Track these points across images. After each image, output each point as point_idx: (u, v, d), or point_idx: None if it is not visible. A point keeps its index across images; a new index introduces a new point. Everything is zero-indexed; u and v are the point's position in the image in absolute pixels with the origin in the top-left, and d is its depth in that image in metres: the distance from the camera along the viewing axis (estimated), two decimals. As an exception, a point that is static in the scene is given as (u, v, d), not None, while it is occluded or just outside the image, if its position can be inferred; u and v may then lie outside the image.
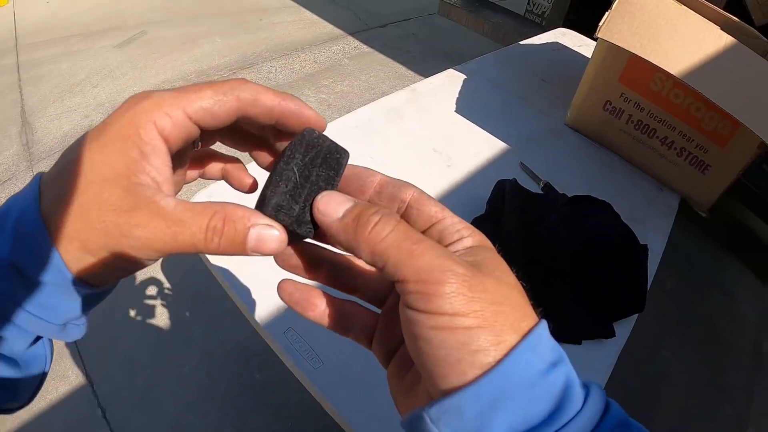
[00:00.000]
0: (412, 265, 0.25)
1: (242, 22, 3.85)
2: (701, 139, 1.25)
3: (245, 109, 0.30)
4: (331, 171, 0.31)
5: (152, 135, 0.28)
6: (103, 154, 0.27)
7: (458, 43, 4.32)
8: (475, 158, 1.17)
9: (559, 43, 1.94)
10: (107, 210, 0.27)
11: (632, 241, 0.95)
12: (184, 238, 0.27)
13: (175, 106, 0.28)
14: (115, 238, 0.27)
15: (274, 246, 0.28)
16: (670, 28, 1.05)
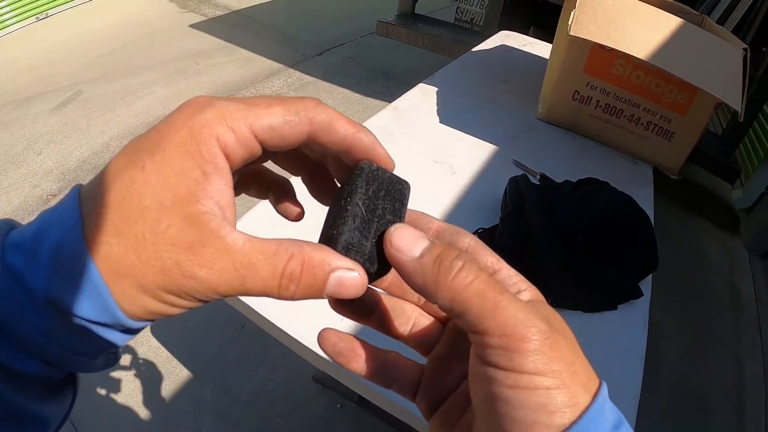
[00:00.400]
0: (495, 317, 0.24)
1: (179, 68, 3.84)
2: (664, 111, 1.37)
3: (316, 135, 0.28)
4: (396, 203, 0.29)
5: (215, 152, 0.24)
6: (161, 174, 0.24)
7: (395, 61, 4.45)
8: (473, 162, 1.24)
9: (505, 45, 2.06)
10: (166, 244, 0.23)
11: (636, 208, 1.04)
12: (254, 283, 0.25)
13: (240, 120, 0.25)
14: (174, 278, 0.23)
15: (355, 291, 0.27)
16: (627, 17, 1.16)
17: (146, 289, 0.23)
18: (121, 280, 0.23)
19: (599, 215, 0.99)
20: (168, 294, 0.24)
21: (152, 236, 0.23)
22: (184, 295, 0.24)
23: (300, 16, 5.10)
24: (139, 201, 0.23)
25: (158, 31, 4.35)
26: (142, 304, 0.24)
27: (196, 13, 4.79)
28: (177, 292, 0.24)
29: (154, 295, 0.24)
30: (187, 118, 0.25)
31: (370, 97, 3.80)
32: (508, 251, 0.94)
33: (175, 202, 0.23)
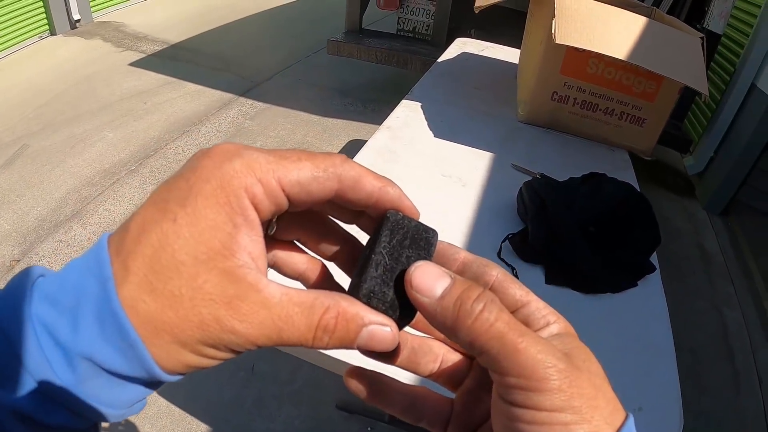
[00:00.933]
0: (514, 359, 0.24)
1: (126, 110, 3.73)
2: (635, 100, 1.49)
3: (344, 192, 0.27)
4: (421, 251, 0.29)
5: (245, 204, 0.24)
6: (194, 227, 0.23)
7: (345, 77, 4.50)
8: (477, 171, 1.31)
9: (465, 52, 2.15)
10: (204, 299, 0.23)
11: (636, 194, 1.14)
12: (291, 335, 0.25)
13: (269, 173, 0.25)
14: (213, 333, 0.23)
15: (386, 345, 0.27)
16: (599, 22, 1.27)
17: (185, 344, 0.23)
18: (159, 336, 0.23)
19: (608, 206, 1.08)
20: (207, 347, 0.24)
21: (189, 292, 0.23)
22: (222, 348, 0.24)
23: (241, 43, 5.07)
24: (173, 255, 0.23)
25: (97, 74, 4.20)
26: (180, 359, 0.24)
27: (134, 51, 4.68)
28: (216, 344, 0.24)
29: (193, 349, 0.24)
30: (216, 167, 0.24)
31: (328, 117, 3.83)
32: (542, 251, 1.01)
33: (210, 257, 0.23)
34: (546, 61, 1.46)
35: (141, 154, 3.24)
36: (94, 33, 5.04)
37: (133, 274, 0.23)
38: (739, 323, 2.57)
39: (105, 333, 0.23)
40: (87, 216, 2.66)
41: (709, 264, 2.98)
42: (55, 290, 0.24)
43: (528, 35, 1.80)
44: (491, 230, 1.10)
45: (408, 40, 3.74)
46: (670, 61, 1.30)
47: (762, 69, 3.20)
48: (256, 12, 6.12)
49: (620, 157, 1.55)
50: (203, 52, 4.77)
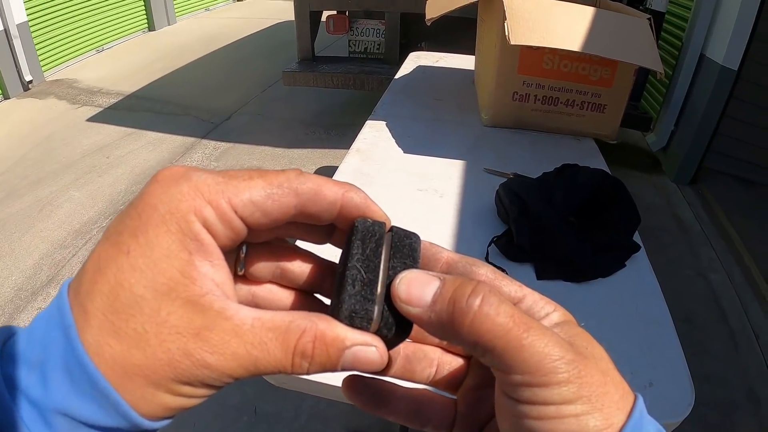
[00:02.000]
0: (520, 356, 0.23)
1: (89, 167, 3.67)
2: (593, 89, 1.52)
3: (304, 206, 0.25)
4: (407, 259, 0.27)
5: (197, 228, 0.23)
6: (149, 257, 0.22)
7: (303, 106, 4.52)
8: (452, 180, 1.32)
9: (420, 65, 2.17)
10: (170, 333, 0.22)
11: (611, 179, 1.16)
12: (267, 364, 0.23)
13: (219, 194, 0.23)
14: (185, 369, 0.22)
15: (374, 367, 0.25)
16: (550, 18, 1.29)
17: (158, 385, 0.22)
18: (130, 380, 0.21)
19: (585, 194, 1.11)
20: (182, 385, 0.22)
21: (153, 327, 0.22)
22: (199, 384, 0.23)
23: (196, 86, 5.08)
24: (131, 290, 0.22)
25: (56, 134, 4.14)
26: (157, 401, 0.22)
27: (90, 106, 4.64)
28: (191, 381, 0.22)
29: (168, 389, 0.22)
30: (163, 191, 0.23)
31: (293, 148, 3.84)
32: (529, 248, 1.02)
33: (170, 287, 0.22)
34: (502, 63, 1.48)
35: (110, 209, 3.20)
36: (47, 92, 5.00)
37: (92, 316, 0.22)
38: (726, 285, 2.64)
39: (75, 384, 0.21)
40: (63, 279, 2.59)
41: (686, 233, 3.05)
42: (23, 347, 0.22)
43: (481, 40, 1.82)
44: (476, 236, 1.10)
45: (362, 61, 3.78)
46: (622, 45, 1.33)
47: (708, 38, 3.30)
48: (207, 53, 6.15)
49: (587, 146, 1.58)
50: (160, 99, 4.76)
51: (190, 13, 8.34)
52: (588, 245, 1.03)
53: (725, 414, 1.96)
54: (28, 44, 4.99)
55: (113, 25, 6.52)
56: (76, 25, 5.85)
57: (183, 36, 7.06)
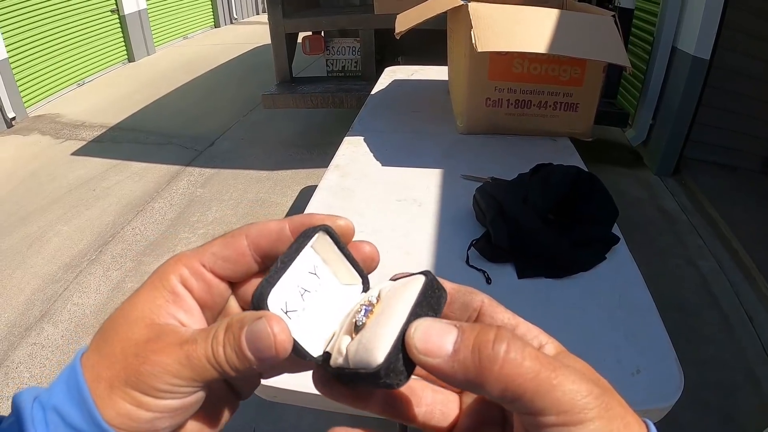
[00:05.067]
0: (551, 396, 0.23)
1: (76, 200, 3.65)
2: (564, 89, 1.55)
3: (256, 243, 0.29)
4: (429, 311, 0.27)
5: (173, 283, 0.28)
6: (133, 302, 0.28)
7: (284, 128, 4.55)
8: (430, 189, 1.34)
9: (396, 80, 2.20)
10: (130, 345, 0.26)
11: (585, 173, 1.18)
12: (197, 355, 0.26)
13: (192, 258, 0.29)
14: (134, 368, 0.26)
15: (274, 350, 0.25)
16: (516, 23, 1.32)
17: (113, 386, 0.26)
18: (99, 383, 0.26)
19: (560, 191, 1.13)
20: (133, 390, 0.26)
21: (120, 343, 0.27)
22: (147, 388, 0.26)
23: (178, 114, 5.09)
24: (114, 321, 0.28)
25: (41, 169, 4.13)
26: (115, 406, 0.26)
27: (74, 140, 4.64)
28: (139, 385, 0.26)
29: (123, 394, 0.26)
30: (159, 266, 0.29)
31: (277, 170, 3.85)
32: (508, 248, 1.04)
33: (140, 317, 0.27)
34: (473, 71, 1.51)
35: (99, 241, 3.19)
36: (31, 128, 5.00)
37: (91, 344, 0.28)
38: (715, 270, 2.66)
39: (69, 388, 0.26)
40: (56, 314, 2.59)
41: (673, 223, 3.08)
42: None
43: (451, 51, 1.85)
44: (455, 241, 1.12)
45: (339, 79, 3.81)
46: (589, 44, 1.36)
47: (678, 31, 3.36)
48: (187, 81, 6.18)
49: (563, 145, 1.60)
50: (143, 129, 4.77)
51: (169, 42, 8.38)
52: (566, 240, 1.04)
53: (726, 396, 1.97)
54: (10, 81, 5.00)
55: (93, 58, 6.55)
56: (57, 59, 5.88)
57: (162, 65, 7.10)
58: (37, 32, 5.58)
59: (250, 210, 3.39)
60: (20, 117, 5.14)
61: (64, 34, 5.99)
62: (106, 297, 2.69)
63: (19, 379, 2.22)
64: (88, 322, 2.52)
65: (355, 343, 0.26)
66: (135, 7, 7.28)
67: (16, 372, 2.26)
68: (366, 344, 0.26)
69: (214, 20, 9.99)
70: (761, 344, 2.20)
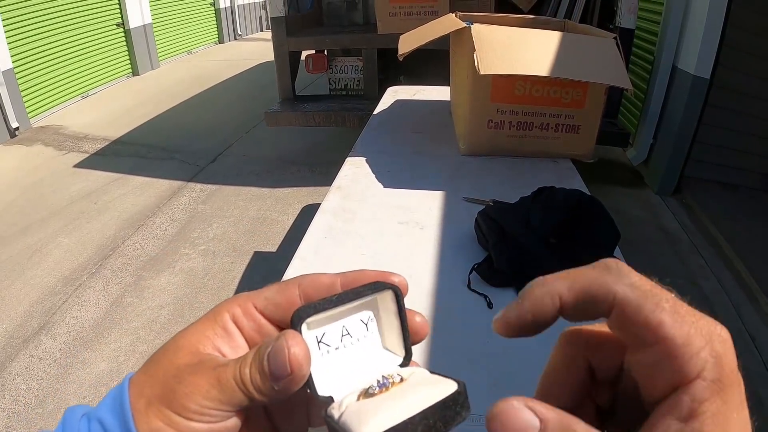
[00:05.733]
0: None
1: (78, 213, 3.65)
2: (566, 111, 1.56)
3: (307, 293, 0.30)
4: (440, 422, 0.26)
5: (225, 319, 0.30)
6: (185, 332, 0.30)
7: (285, 146, 4.57)
8: (432, 212, 1.34)
9: (398, 100, 2.21)
10: (172, 368, 0.29)
11: (587, 197, 1.19)
12: (226, 377, 0.27)
13: (246, 299, 0.31)
14: (170, 387, 0.28)
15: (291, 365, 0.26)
16: (519, 46, 1.33)
17: (151, 403, 0.28)
18: (140, 400, 0.28)
19: (562, 214, 1.12)
20: (167, 409, 0.27)
21: (165, 365, 0.29)
22: (179, 408, 0.27)
23: (181, 130, 5.11)
24: (166, 349, 0.30)
25: (43, 180, 4.14)
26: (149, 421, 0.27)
27: (77, 152, 4.65)
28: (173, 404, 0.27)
29: (158, 411, 0.27)
30: (216, 305, 0.32)
31: (278, 187, 3.86)
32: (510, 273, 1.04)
33: (186, 346, 0.29)
34: (475, 92, 1.52)
35: (99, 255, 3.19)
36: (34, 139, 5.03)
37: (143, 367, 0.30)
38: (717, 290, 2.65)
39: (113, 402, 0.29)
40: (55, 326, 2.59)
41: (674, 243, 3.08)
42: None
43: (454, 72, 1.86)
44: (457, 264, 1.11)
45: (342, 98, 3.83)
46: (590, 66, 1.37)
47: (679, 50, 3.38)
48: (190, 96, 6.21)
49: (565, 167, 1.61)
50: (145, 144, 4.78)
51: (173, 57, 8.45)
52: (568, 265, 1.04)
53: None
54: (14, 91, 5.04)
55: (98, 70, 6.60)
56: (62, 71, 5.92)
57: (166, 80, 7.14)
58: (43, 43, 5.63)
59: (251, 227, 3.39)
60: (24, 127, 5.17)
61: (69, 46, 6.04)
62: (105, 311, 2.68)
63: (15, 391, 2.21)
64: (87, 336, 2.51)
65: (354, 407, 0.26)
66: (140, 21, 7.34)
67: (12, 384, 2.25)
68: (361, 415, 0.25)
69: (218, 36, 10.07)
70: (764, 364, 2.20)
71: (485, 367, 0.87)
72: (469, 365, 0.87)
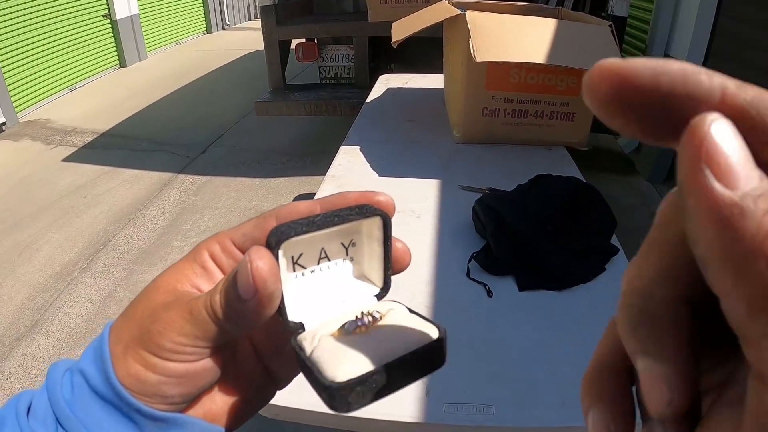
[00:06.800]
0: None
1: (67, 208, 3.60)
2: (561, 98, 1.55)
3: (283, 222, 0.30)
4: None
5: (204, 257, 0.30)
6: (165, 273, 0.30)
7: (276, 136, 4.53)
8: (428, 201, 1.33)
9: (391, 88, 2.20)
10: (149, 308, 0.28)
11: (584, 185, 1.18)
12: (198, 308, 0.27)
13: (225, 236, 0.30)
14: (145, 327, 0.27)
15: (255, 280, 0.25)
16: (513, 33, 1.32)
17: (128, 346, 0.27)
18: (118, 345, 0.27)
19: (559, 203, 1.12)
20: (143, 351, 0.26)
21: (142, 308, 0.28)
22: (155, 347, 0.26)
23: (170, 121, 5.06)
24: (145, 292, 0.30)
25: (32, 176, 4.07)
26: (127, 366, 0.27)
27: (65, 146, 4.58)
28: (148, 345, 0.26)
29: (135, 354, 0.27)
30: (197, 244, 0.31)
31: (270, 178, 3.83)
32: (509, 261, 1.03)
33: (164, 285, 0.29)
34: (470, 80, 1.51)
35: (90, 250, 3.14)
36: (21, 134, 4.95)
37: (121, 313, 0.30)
38: None
39: (94, 352, 0.28)
40: (47, 323, 2.55)
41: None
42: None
43: (448, 60, 1.85)
44: (455, 253, 1.11)
45: (333, 86, 3.80)
46: (585, 54, 1.36)
47: (671, 38, 3.38)
48: (179, 87, 6.14)
49: (559, 154, 1.61)
50: (134, 136, 4.73)
51: (161, 48, 8.34)
52: (565, 252, 1.04)
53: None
54: (0, 85, 4.97)
55: (85, 62, 6.50)
56: (48, 64, 5.83)
57: (154, 71, 7.06)
58: (29, 36, 5.54)
59: (243, 218, 3.29)
60: (11, 122, 5.09)
61: (55, 39, 5.94)
62: (97, 307, 2.65)
63: (9, 390, 2.18)
64: (80, 332, 2.49)
65: (329, 344, 0.25)
66: (127, 12, 7.24)
67: (6, 383, 2.22)
68: (336, 355, 0.24)
69: (206, 26, 9.96)
70: None
71: (485, 355, 0.86)
72: (470, 353, 0.87)
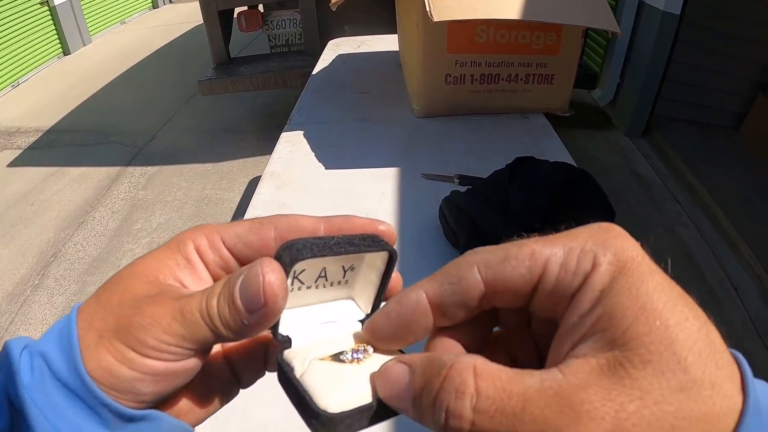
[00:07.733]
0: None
1: (14, 218, 3.33)
2: (537, 58, 1.32)
3: (284, 237, 0.27)
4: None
5: (189, 249, 0.27)
6: (144, 259, 0.27)
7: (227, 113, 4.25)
8: (386, 197, 1.09)
9: (341, 54, 1.93)
10: (129, 297, 0.25)
11: (577, 171, 0.96)
12: (191, 309, 0.24)
13: (214, 231, 0.28)
14: (126, 319, 0.24)
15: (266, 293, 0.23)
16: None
17: (102, 336, 0.24)
18: (89, 332, 0.24)
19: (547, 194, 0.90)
20: (120, 343, 0.24)
21: (119, 295, 0.25)
22: (135, 343, 0.24)
23: (114, 110, 4.74)
24: (119, 276, 0.27)
25: (-27, 187, 3.79)
26: (99, 357, 0.24)
27: (9, 149, 4.25)
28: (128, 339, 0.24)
29: (110, 345, 0.24)
30: (179, 233, 0.28)
31: (222, 161, 3.58)
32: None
33: (144, 274, 0.26)
34: (428, 43, 1.25)
35: (40, 263, 2.90)
36: (-37, 140, 4.58)
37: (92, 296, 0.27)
38: (697, 239, 2.55)
39: (60, 336, 0.25)
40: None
41: (648, 189, 2.96)
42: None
43: (401, 21, 1.59)
44: (420, 265, 0.89)
45: (283, 55, 3.51)
46: (568, 7, 1.12)
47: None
48: (125, 71, 5.80)
49: (538, 123, 1.38)
50: (80, 130, 4.42)
51: (105, 29, 7.86)
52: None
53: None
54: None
55: (26, 55, 6.08)
56: (-12, 61, 5.42)
57: (99, 56, 6.64)
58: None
59: (196, 210, 3.12)
60: (-48, 127, 4.70)
61: (-7, 35, 5.52)
62: (53, 328, 2.43)
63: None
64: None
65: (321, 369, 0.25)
66: (65, -6, 6.77)
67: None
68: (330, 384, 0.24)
69: (152, 1, 9.43)
70: (748, 316, 2.11)
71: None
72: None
